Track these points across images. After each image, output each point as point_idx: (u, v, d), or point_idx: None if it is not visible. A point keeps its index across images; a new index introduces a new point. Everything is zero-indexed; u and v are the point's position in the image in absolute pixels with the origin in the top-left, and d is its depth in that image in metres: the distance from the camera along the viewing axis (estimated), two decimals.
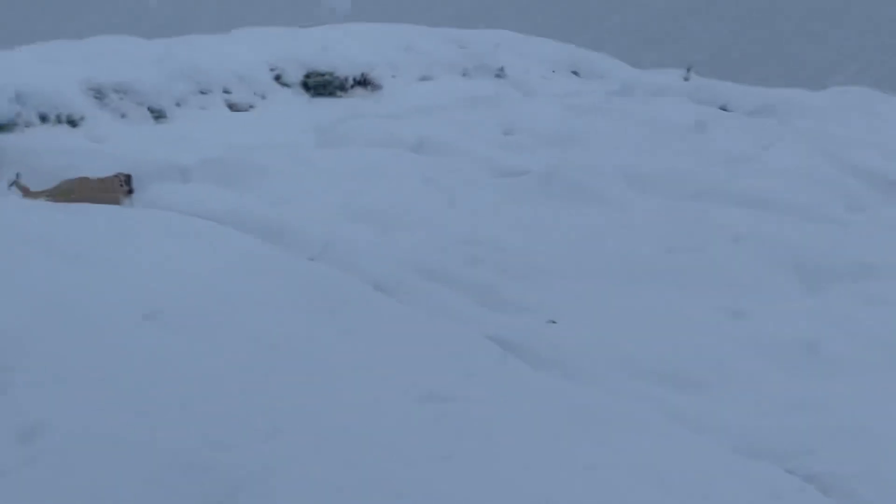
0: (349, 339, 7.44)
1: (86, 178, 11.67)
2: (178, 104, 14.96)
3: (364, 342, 7.43)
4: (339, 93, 16.53)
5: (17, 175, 10.95)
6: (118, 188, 11.71)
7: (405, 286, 9.16)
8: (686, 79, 18.39)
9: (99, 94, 14.20)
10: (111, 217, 9.55)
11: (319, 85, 16.34)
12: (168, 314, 7.37)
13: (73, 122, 13.58)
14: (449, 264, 9.80)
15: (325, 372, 6.85)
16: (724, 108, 16.15)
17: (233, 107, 15.55)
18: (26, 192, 10.92)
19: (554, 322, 8.79)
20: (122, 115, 14.12)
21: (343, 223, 10.69)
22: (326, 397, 6.41)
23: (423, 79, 17.54)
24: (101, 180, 11.71)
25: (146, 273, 8.10)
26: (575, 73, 19.71)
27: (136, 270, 8.09)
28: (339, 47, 17.36)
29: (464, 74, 17.93)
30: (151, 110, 14.56)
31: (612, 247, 10.59)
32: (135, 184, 11.54)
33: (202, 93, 15.41)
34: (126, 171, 11.80)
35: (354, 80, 16.66)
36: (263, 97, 15.97)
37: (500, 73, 18.20)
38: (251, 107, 15.69)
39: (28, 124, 13.36)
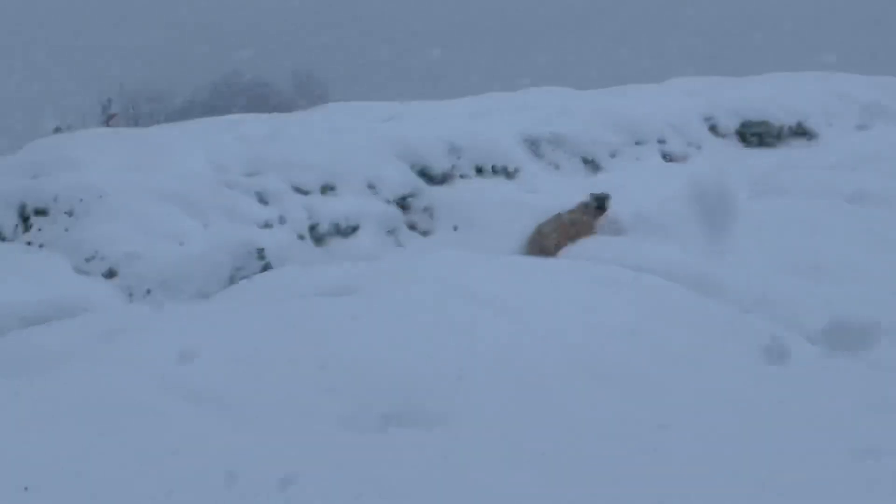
0: (785, 392, 7.33)
1: (558, 215, 12.47)
2: (612, 155, 15.09)
3: (800, 396, 7.30)
4: (773, 142, 16.36)
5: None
6: (587, 213, 12.48)
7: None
8: None
9: (533, 146, 14.56)
10: (540, 268, 9.84)
11: (754, 134, 16.25)
12: (598, 367, 7.43)
13: (507, 174, 13.99)
14: (887, 316, 9.53)
15: (765, 425, 6.70)
16: None
17: (667, 157, 15.62)
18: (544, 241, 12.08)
19: None
20: (556, 167, 14.42)
21: (777, 275, 10.56)
22: (769, 451, 6.30)
23: (860, 127, 17.09)
24: (571, 213, 12.47)
25: (574, 323, 8.23)
26: None
27: (562, 320, 8.25)
28: (773, 96, 17.18)
29: None
30: (585, 161, 14.79)
31: None
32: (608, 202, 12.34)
33: (637, 143, 15.49)
34: (597, 193, 12.56)
35: (789, 128, 16.45)
36: (698, 147, 15.97)
37: None
38: (686, 157, 15.73)
39: (463, 176, 13.84)
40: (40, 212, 11.00)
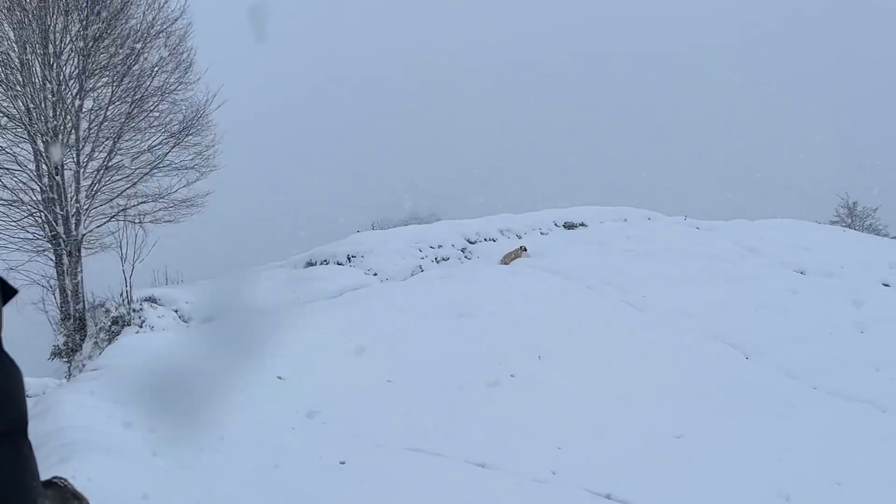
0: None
1: (510, 251, 22.79)
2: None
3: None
4: None
5: None
6: (520, 250, 21.45)
7: None
8: None
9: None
10: (508, 271, 17.73)
11: None
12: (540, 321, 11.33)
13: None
14: None
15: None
16: None
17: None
18: None
19: None
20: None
21: None
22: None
23: None
24: (515, 250, 21.60)
25: (532, 294, 14.30)
26: None
27: (525, 294, 14.76)
28: None
29: None
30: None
31: None
32: None
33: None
34: (523, 245, 21.23)
35: None
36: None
37: None
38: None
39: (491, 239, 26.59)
40: (353, 256, 25.42)
